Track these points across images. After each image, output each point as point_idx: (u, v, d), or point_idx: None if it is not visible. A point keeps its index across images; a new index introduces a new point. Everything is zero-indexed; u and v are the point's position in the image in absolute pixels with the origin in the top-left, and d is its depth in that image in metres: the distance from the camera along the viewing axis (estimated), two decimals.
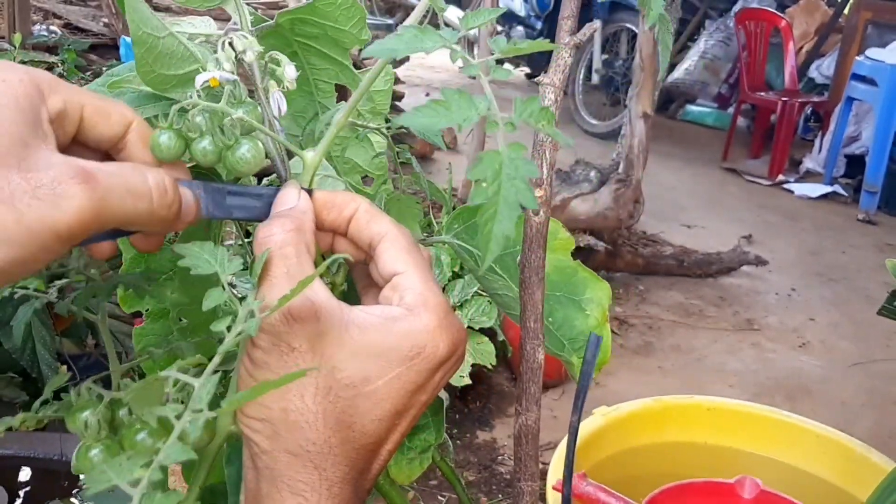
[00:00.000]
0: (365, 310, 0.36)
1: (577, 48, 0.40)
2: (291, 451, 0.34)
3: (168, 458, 0.31)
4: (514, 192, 0.30)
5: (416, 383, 0.35)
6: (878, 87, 3.72)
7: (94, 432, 0.37)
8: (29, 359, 1.19)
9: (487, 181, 0.30)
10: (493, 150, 0.30)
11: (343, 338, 0.35)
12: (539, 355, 0.41)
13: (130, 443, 0.36)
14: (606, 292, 0.46)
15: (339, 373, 0.34)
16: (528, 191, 0.30)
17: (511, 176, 0.30)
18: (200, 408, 0.31)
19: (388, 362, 0.35)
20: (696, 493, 0.91)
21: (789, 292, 2.89)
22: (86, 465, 0.37)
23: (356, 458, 0.35)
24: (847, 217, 3.75)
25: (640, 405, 1.08)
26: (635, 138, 2.61)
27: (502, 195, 0.30)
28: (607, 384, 2.10)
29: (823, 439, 1.02)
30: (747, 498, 0.91)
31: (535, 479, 0.41)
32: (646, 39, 2.52)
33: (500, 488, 1.67)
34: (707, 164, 4.35)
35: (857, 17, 4.46)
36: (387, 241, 0.38)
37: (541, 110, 0.31)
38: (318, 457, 0.34)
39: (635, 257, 2.77)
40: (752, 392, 2.18)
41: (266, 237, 0.35)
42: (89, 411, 0.37)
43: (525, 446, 0.41)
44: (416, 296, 0.36)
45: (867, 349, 2.48)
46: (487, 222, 0.30)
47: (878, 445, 0.95)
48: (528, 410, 0.41)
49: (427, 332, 0.35)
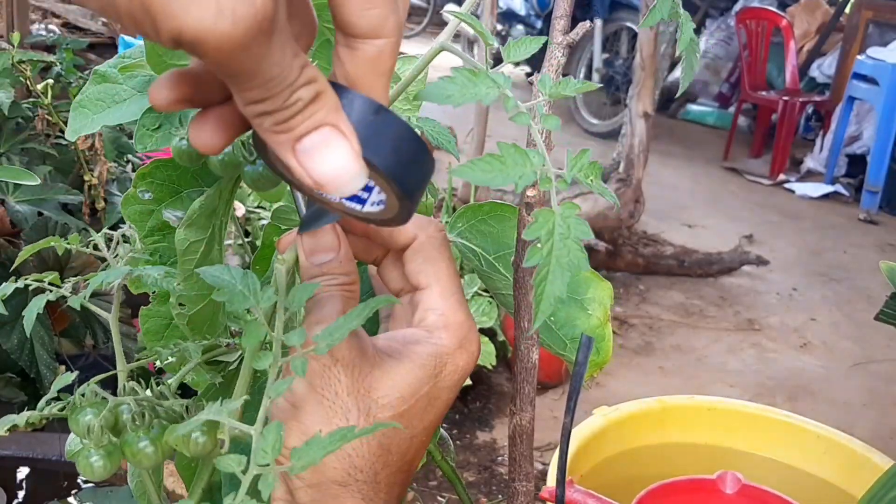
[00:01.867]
0: (388, 336, 0.36)
1: (572, 47, 0.40)
2: (340, 481, 0.33)
3: None
4: (566, 254, 0.30)
5: (441, 399, 0.36)
6: (879, 86, 3.72)
7: (96, 437, 0.37)
8: (27, 359, 1.19)
9: (542, 240, 0.29)
10: (547, 209, 0.30)
11: (375, 362, 0.35)
12: (534, 355, 0.41)
13: (132, 451, 0.37)
14: (608, 292, 0.46)
15: (376, 393, 0.34)
16: (581, 252, 0.30)
17: (564, 236, 0.30)
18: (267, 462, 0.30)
19: (417, 381, 0.35)
20: (680, 492, 0.92)
21: (790, 292, 2.89)
22: (87, 471, 0.37)
23: (394, 481, 0.35)
24: (848, 217, 3.76)
25: (640, 406, 1.07)
26: (636, 138, 2.62)
27: (555, 256, 0.29)
28: (607, 384, 2.10)
29: (824, 440, 1.02)
30: (729, 493, 0.92)
31: (530, 480, 0.41)
32: (646, 39, 2.52)
33: (500, 489, 1.67)
34: (708, 163, 4.35)
35: (858, 16, 4.47)
36: (413, 249, 0.37)
37: (590, 165, 0.31)
38: (366, 486, 0.34)
39: (636, 257, 2.77)
40: (753, 392, 2.18)
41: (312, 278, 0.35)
42: (92, 415, 0.37)
43: (520, 446, 0.41)
44: (438, 317, 0.36)
45: (868, 349, 2.48)
46: (541, 283, 0.30)
47: (880, 446, 0.95)
48: (523, 411, 0.41)
49: (449, 353, 0.36)
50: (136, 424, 0.37)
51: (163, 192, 0.45)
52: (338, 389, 0.33)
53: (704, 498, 0.92)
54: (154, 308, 0.47)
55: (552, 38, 0.40)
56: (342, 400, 0.33)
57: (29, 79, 1.19)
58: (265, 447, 0.30)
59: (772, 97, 4.28)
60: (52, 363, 1.24)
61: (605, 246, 2.60)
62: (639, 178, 2.63)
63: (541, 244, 0.29)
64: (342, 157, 0.26)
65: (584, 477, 1.00)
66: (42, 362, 1.21)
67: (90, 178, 1.25)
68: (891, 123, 3.67)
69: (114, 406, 0.38)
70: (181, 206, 0.45)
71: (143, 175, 0.44)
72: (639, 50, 2.59)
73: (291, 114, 0.26)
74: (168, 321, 0.48)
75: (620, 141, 2.74)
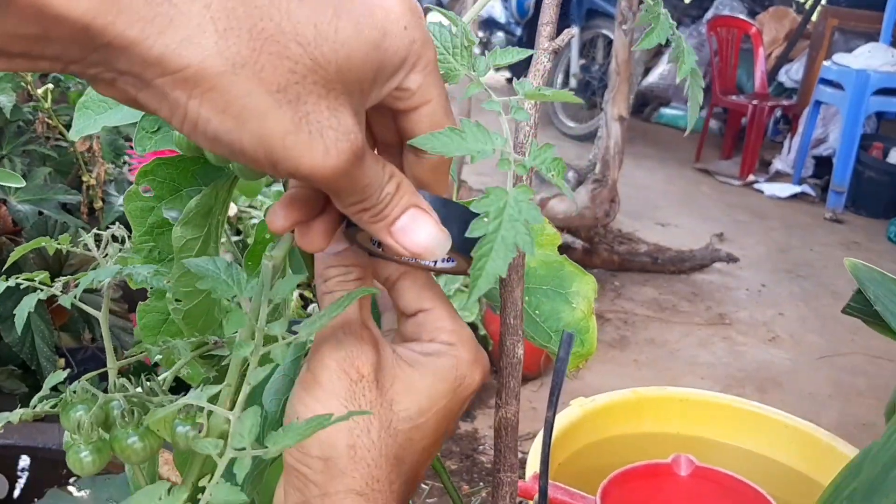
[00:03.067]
0: (407, 346, 0.36)
1: (555, 53, 0.41)
2: (359, 491, 0.33)
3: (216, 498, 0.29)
4: (513, 234, 0.29)
5: (453, 412, 0.36)
6: (844, 91, 3.77)
7: (86, 433, 0.36)
8: (28, 352, 1.20)
9: (489, 216, 0.29)
10: (500, 188, 0.30)
11: (396, 373, 0.35)
12: (519, 350, 0.40)
13: (121, 447, 0.36)
14: (592, 286, 0.47)
15: (397, 405, 0.34)
16: (528, 235, 0.29)
17: (514, 217, 0.29)
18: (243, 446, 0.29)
19: (438, 394, 0.35)
20: (639, 477, 0.92)
21: (759, 288, 2.92)
22: (77, 466, 0.36)
23: (404, 492, 0.35)
24: (815, 216, 3.79)
25: (615, 396, 1.08)
26: (611, 140, 2.63)
27: (501, 234, 0.29)
28: (584, 377, 2.11)
29: (791, 429, 1.03)
30: (683, 475, 0.94)
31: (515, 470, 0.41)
32: (621, 46, 2.56)
33: (482, 476, 1.68)
34: (680, 164, 4.38)
35: (824, 23, 4.53)
36: (407, 277, 0.37)
37: (553, 160, 0.31)
38: (381, 495, 0.33)
39: (611, 254, 2.78)
40: (723, 384, 2.20)
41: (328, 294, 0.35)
42: (83, 411, 0.37)
43: (505, 438, 0.41)
44: (450, 333, 0.36)
45: (834, 343, 2.51)
46: (482, 257, 0.29)
47: (844, 435, 0.97)
48: (508, 404, 0.41)
49: (466, 366, 0.36)
50: (125, 421, 0.37)
51: (163, 189, 0.44)
52: (362, 404, 0.33)
53: (661, 481, 0.93)
54: (151, 304, 0.47)
55: (538, 43, 0.40)
56: (369, 388, 0.33)
57: (30, 84, 1.20)
58: (241, 431, 0.30)
59: (742, 101, 4.33)
60: (51, 356, 1.26)
61: (581, 244, 2.62)
62: (614, 179, 2.65)
63: (488, 219, 0.29)
64: (430, 229, 0.32)
65: (561, 465, 1.00)
66: (42, 355, 1.23)
67: (88, 178, 1.27)
68: (855, 126, 3.72)
69: (104, 403, 0.37)
70: (181, 203, 0.44)
71: (145, 172, 0.44)
72: (614, 56, 2.59)
73: (384, 206, 0.31)
74: (165, 317, 0.47)
75: (596, 143, 2.74)
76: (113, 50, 0.24)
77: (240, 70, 0.25)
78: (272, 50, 0.25)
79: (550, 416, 0.43)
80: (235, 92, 0.25)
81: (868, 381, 2.32)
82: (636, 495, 0.92)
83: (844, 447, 0.97)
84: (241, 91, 0.25)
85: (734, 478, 0.94)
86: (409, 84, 0.30)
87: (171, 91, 0.25)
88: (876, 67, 3.73)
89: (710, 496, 0.94)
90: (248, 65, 0.25)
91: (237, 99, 0.25)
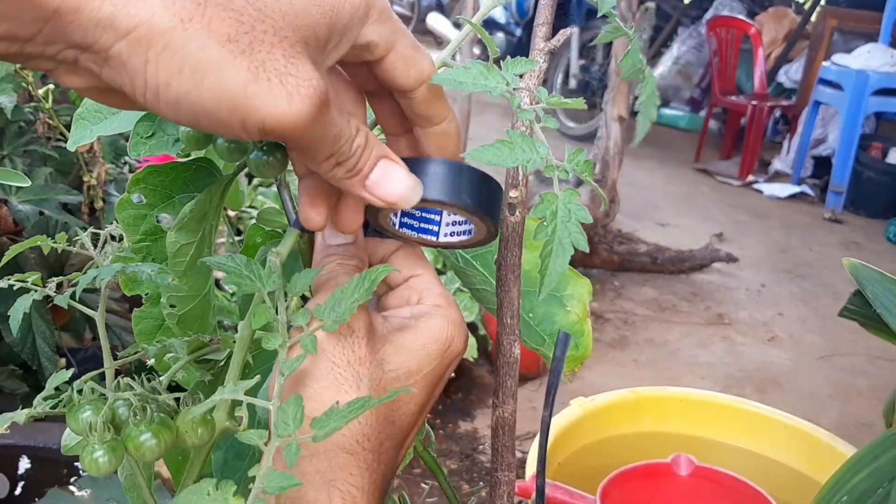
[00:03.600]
0: (395, 313, 0.37)
1: (552, 54, 0.41)
2: (349, 449, 0.33)
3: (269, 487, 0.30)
4: (567, 235, 0.32)
5: (440, 376, 0.37)
6: (843, 91, 3.77)
7: (99, 433, 0.36)
8: (29, 352, 1.20)
9: (547, 220, 0.32)
10: (551, 193, 0.32)
11: (386, 335, 0.35)
12: (515, 350, 0.41)
13: (135, 444, 0.36)
14: (587, 288, 0.47)
15: (388, 365, 0.35)
16: (580, 234, 0.32)
17: (565, 219, 0.32)
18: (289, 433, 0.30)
19: (428, 356, 0.36)
20: (638, 477, 0.93)
21: (759, 288, 2.92)
22: (92, 467, 0.36)
23: (393, 455, 0.35)
24: (814, 216, 3.80)
25: (615, 396, 1.08)
26: (611, 140, 2.63)
27: (557, 236, 0.32)
28: (584, 376, 2.11)
29: (791, 429, 1.03)
30: (683, 475, 0.94)
31: (512, 469, 0.42)
32: (621, 46, 2.57)
33: (481, 476, 1.68)
34: (680, 165, 4.38)
35: (823, 24, 4.53)
36: (402, 249, 0.39)
37: (584, 162, 0.34)
38: (370, 455, 0.33)
39: (611, 254, 2.78)
40: (722, 384, 2.20)
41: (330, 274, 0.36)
42: (91, 411, 0.37)
43: (502, 438, 0.41)
44: (437, 296, 0.37)
45: (833, 343, 2.51)
46: (545, 258, 0.32)
47: (844, 435, 0.97)
48: (505, 403, 0.41)
49: (454, 327, 0.37)
50: (137, 419, 0.37)
51: (155, 197, 0.44)
52: (351, 359, 0.33)
53: (661, 481, 0.94)
54: (146, 310, 0.47)
55: (534, 44, 0.41)
56: (354, 369, 0.33)
57: (31, 84, 1.20)
58: (286, 419, 0.30)
59: (741, 101, 4.33)
60: (52, 356, 1.26)
61: None
62: (614, 179, 2.65)
63: (546, 223, 0.32)
64: (403, 177, 0.33)
65: (561, 465, 1.00)
66: (43, 355, 1.23)
67: (89, 179, 1.27)
68: (854, 127, 3.72)
69: (113, 402, 0.37)
70: (173, 210, 0.45)
71: (137, 180, 0.44)
72: (614, 57, 2.61)
73: (356, 159, 0.32)
74: (160, 322, 0.48)
75: (596, 143, 2.74)
76: (63, 18, 0.25)
77: (188, 24, 0.26)
78: (217, 2, 0.26)
79: (547, 415, 0.43)
80: (188, 48, 0.26)
81: (868, 381, 2.32)
82: (636, 495, 0.92)
83: (844, 447, 0.97)
84: (194, 46, 0.26)
85: (734, 477, 0.94)
86: (371, 36, 0.32)
87: (129, 59, 0.26)
88: (875, 68, 3.73)
89: (710, 496, 0.94)
90: (196, 18, 0.26)
91: (191, 55, 0.26)
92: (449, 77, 0.33)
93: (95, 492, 1.23)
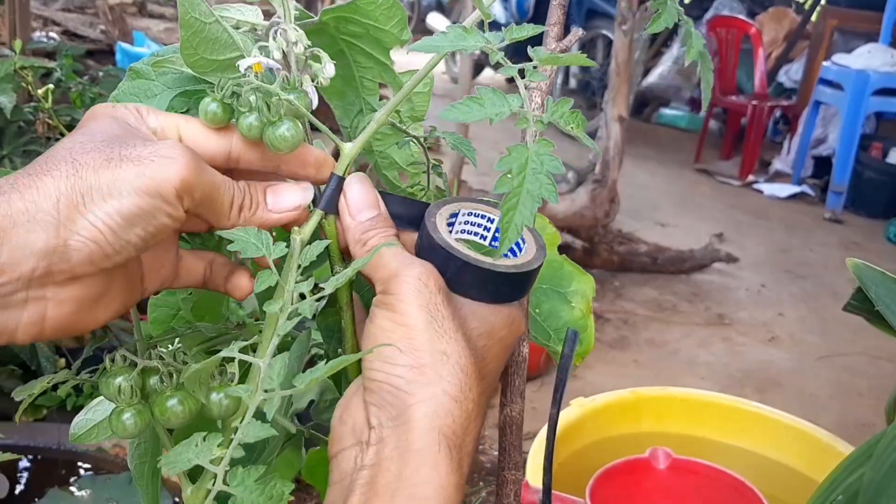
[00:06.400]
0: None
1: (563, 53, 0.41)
2: (453, 395, 0.33)
3: (248, 436, 0.31)
4: (537, 185, 0.31)
5: (510, 346, 0.38)
6: (843, 91, 3.79)
7: (127, 397, 0.38)
8: (29, 352, 1.21)
9: (513, 173, 0.31)
10: (522, 144, 0.31)
11: (459, 300, 0.37)
12: (524, 349, 0.41)
13: (161, 409, 0.38)
14: (590, 285, 0.48)
15: (469, 325, 0.36)
16: (552, 185, 0.31)
17: (536, 170, 0.31)
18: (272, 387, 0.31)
19: (500, 322, 0.37)
20: (621, 473, 0.95)
21: (759, 288, 2.92)
22: (119, 429, 0.38)
23: (482, 414, 0.36)
24: (814, 216, 3.81)
25: (616, 396, 1.10)
26: (611, 140, 2.64)
27: (526, 187, 0.31)
28: (584, 376, 2.12)
29: (791, 429, 1.05)
30: (662, 467, 0.96)
31: (519, 469, 0.42)
32: (621, 46, 2.57)
33: (482, 476, 1.67)
34: (680, 165, 4.39)
35: (824, 24, 4.54)
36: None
37: (571, 113, 0.33)
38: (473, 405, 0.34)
39: (611, 255, 2.78)
40: (723, 384, 2.20)
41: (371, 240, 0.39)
42: (122, 377, 0.38)
43: (510, 436, 0.42)
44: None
45: (834, 343, 2.51)
46: (509, 211, 0.31)
47: (844, 435, 0.97)
48: (513, 402, 0.41)
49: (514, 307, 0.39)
50: (163, 385, 0.38)
51: None
52: (445, 314, 0.35)
53: (641, 475, 0.96)
54: (162, 298, 0.48)
55: (546, 44, 0.41)
56: (448, 324, 0.35)
57: (30, 84, 1.20)
58: (271, 374, 0.32)
59: (741, 101, 4.34)
60: (52, 356, 1.26)
61: (581, 244, 2.62)
62: (614, 179, 2.66)
63: (511, 175, 0.31)
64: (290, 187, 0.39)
65: (561, 464, 1.01)
66: (43, 355, 1.24)
67: None
68: (855, 127, 3.74)
69: (141, 369, 0.39)
70: None
71: None
72: (614, 56, 2.61)
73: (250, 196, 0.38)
74: (175, 311, 0.49)
75: (596, 143, 2.76)
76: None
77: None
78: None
79: (555, 413, 0.43)
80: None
81: (868, 381, 2.32)
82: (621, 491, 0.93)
83: (844, 447, 0.99)
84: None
85: (711, 467, 0.96)
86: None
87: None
88: (875, 68, 3.74)
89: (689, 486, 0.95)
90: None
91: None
92: (426, 43, 0.33)
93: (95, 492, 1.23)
